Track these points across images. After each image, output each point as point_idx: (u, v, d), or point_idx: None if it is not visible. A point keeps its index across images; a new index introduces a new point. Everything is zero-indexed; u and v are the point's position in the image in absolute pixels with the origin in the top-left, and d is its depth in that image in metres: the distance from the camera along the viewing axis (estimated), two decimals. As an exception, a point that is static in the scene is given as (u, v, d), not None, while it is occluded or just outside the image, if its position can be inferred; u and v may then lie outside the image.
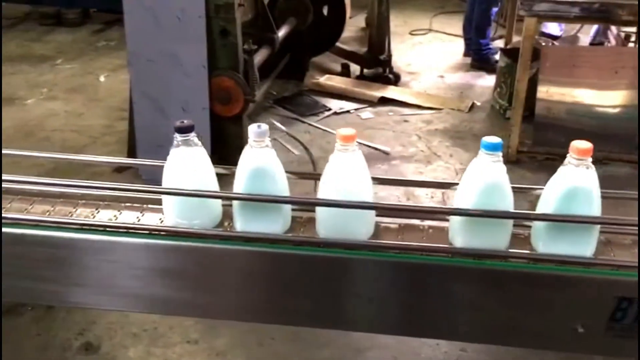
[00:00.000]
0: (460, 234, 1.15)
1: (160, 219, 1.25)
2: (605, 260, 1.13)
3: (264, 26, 4.27)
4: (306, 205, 1.26)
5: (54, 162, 3.14)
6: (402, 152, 4.12)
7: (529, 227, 1.18)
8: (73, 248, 1.21)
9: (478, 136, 4.26)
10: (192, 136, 1.20)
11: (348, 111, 4.75)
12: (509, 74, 4.41)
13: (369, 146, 4.12)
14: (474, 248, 1.13)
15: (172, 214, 1.22)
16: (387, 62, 5.21)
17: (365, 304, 1.18)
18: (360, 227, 1.19)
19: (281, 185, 1.20)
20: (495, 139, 1.08)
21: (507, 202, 1.12)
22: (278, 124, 4.50)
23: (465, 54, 5.77)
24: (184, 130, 1.19)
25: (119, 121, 4.44)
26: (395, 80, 5.22)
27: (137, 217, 1.26)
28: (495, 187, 1.10)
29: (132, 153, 3.83)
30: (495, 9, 5.55)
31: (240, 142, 3.74)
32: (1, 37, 2.44)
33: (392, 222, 1.24)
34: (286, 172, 1.23)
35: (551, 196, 1.10)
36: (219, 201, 1.26)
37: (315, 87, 5.09)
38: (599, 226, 1.13)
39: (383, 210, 1.24)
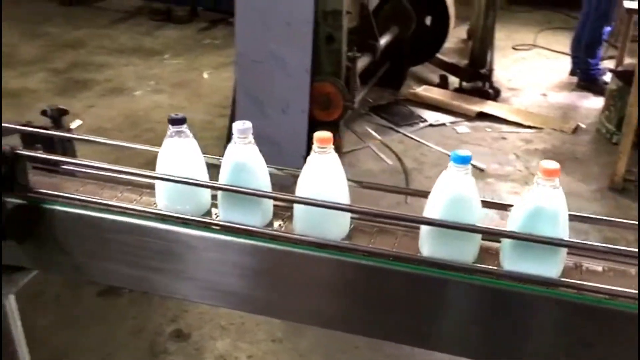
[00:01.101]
0: (426, 243, 1.16)
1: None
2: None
3: (367, 33, 4.28)
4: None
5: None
6: (497, 171, 4.01)
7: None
8: (169, 240, 1.26)
9: (581, 160, 4.15)
10: (185, 128, 1.25)
11: (444, 124, 4.68)
12: (619, 98, 4.20)
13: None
14: (436, 257, 1.13)
15: (162, 200, 1.28)
16: (488, 76, 5.09)
17: (458, 327, 1.16)
18: (333, 227, 1.21)
19: (262, 181, 1.23)
20: (465, 152, 1.08)
21: (473, 214, 1.11)
22: (372, 132, 4.50)
23: (572, 73, 5.54)
24: (177, 122, 1.25)
25: (219, 117, 4.59)
26: (494, 95, 5.09)
27: (215, 214, 1.29)
28: (462, 199, 1.10)
29: (230, 150, 3.95)
30: (607, 28, 5.29)
31: (335, 147, 3.77)
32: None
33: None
34: (371, 184, 1.21)
35: (517, 215, 1.09)
36: (208, 190, 1.30)
37: (412, 97, 5.05)
38: (564, 249, 1.10)
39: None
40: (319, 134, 1.16)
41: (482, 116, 4.75)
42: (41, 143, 1.41)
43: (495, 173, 3.98)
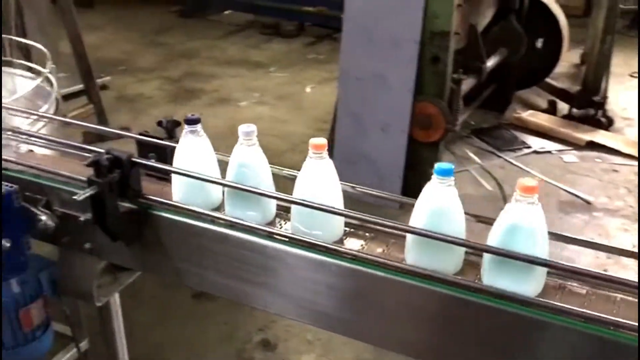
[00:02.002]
0: (410, 252, 1.18)
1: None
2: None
3: (473, 55, 4.20)
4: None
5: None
6: (606, 205, 3.78)
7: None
8: (266, 254, 1.28)
9: (702, 200, 3.82)
10: (199, 127, 1.36)
11: (549, 151, 4.48)
12: None
13: (569, 192, 3.85)
14: (417, 266, 1.14)
15: (177, 194, 1.37)
16: (601, 104, 4.83)
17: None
18: (327, 228, 1.26)
19: (266, 180, 1.31)
20: (447, 165, 1.10)
21: (454, 225, 1.13)
22: (472, 155, 4.39)
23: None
24: (192, 122, 1.37)
25: (319, 132, 4.66)
26: (607, 124, 4.81)
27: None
28: (443, 210, 1.12)
29: (327, 164, 3.99)
30: None
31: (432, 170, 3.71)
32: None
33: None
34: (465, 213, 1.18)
35: (496, 231, 1.09)
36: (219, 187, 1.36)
37: (517, 121, 4.88)
38: (542, 268, 1.08)
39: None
40: (313, 141, 1.22)
41: (592, 146, 4.51)
42: (155, 152, 1.49)
43: (603, 207, 3.75)
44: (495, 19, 4.67)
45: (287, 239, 1.26)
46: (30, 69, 2.27)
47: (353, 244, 1.27)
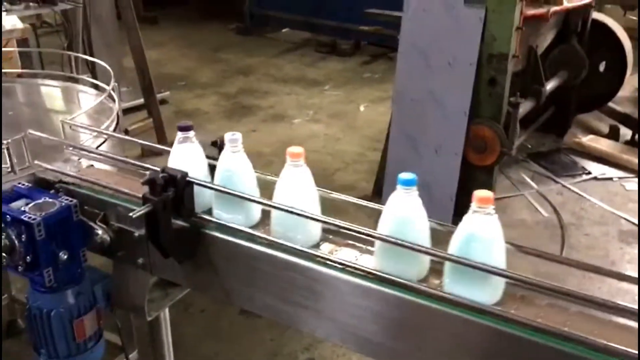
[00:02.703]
0: (376, 257, 1.24)
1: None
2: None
3: (532, 77, 4.11)
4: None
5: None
6: (670, 236, 3.61)
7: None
8: (306, 276, 1.28)
9: None
10: (191, 134, 1.45)
11: (610, 178, 4.33)
12: None
13: (630, 221, 3.70)
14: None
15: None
16: (666, 131, 4.64)
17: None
18: (303, 233, 1.32)
19: (249, 184, 1.40)
20: (410, 175, 1.17)
21: (416, 232, 1.18)
22: (529, 180, 4.28)
23: None
24: (184, 129, 1.45)
25: (371, 151, 4.65)
26: (673, 151, 4.61)
27: (355, 257, 1.29)
28: (405, 218, 1.19)
29: (378, 184, 3.97)
30: None
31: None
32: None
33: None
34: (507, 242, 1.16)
35: (454, 240, 1.14)
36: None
37: (576, 146, 4.74)
38: (498, 277, 1.11)
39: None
40: (291, 150, 1.29)
41: (657, 174, 4.33)
42: (211, 172, 1.52)
43: (667, 239, 3.58)
44: (556, 41, 4.57)
45: (333, 264, 1.26)
46: (95, 86, 2.36)
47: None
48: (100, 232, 1.53)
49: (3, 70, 2.79)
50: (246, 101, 5.84)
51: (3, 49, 3.19)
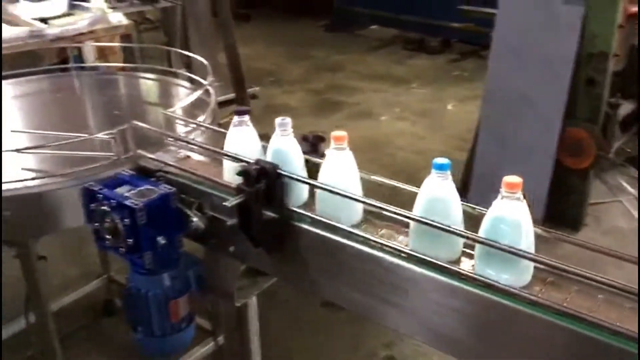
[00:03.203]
0: (412, 238, 1.30)
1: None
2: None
3: (633, 77, 3.89)
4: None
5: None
6: None
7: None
8: (401, 275, 1.28)
9: None
10: (246, 118, 1.57)
11: None
12: None
13: None
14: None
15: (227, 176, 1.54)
16: None
17: None
18: (346, 214, 1.38)
19: (298, 166, 1.47)
20: (443, 160, 1.22)
21: (451, 215, 1.23)
22: (627, 185, 4.06)
23: None
24: (241, 112, 1.57)
25: (457, 151, 4.57)
26: None
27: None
28: (439, 200, 1.24)
29: (465, 184, 3.90)
30: None
31: (581, 197, 3.49)
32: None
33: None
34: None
35: (484, 224, 1.19)
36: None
37: (681, 151, 4.44)
38: (526, 261, 1.14)
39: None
40: (335, 134, 1.38)
41: None
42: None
43: None
44: (663, 40, 4.29)
45: (417, 260, 1.26)
46: (190, 80, 2.46)
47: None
48: (195, 219, 1.60)
49: (108, 64, 2.98)
50: (333, 98, 5.90)
51: (109, 44, 3.40)
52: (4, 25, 3.20)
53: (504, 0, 3.41)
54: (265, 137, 1.59)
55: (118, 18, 3.35)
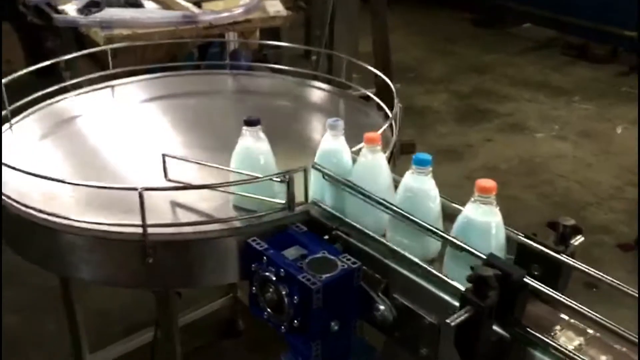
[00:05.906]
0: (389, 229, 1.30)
1: None
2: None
3: None
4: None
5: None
6: None
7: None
8: None
9: None
10: (258, 129, 1.37)
11: None
12: None
13: None
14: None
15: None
16: None
17: None
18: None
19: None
20: (425, 155, 1.22)
21: (428, 209, 1.24)
22: None
23: None
24: (251, 123, 1.37)
25: (631, 186, 3.91)
26: None
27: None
28: (416, 194, 1.24)
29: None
30: None
31: None
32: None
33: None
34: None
35: (455, 226, 1.19)
36: None
37: None
38: None
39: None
40: (368, 135, 1.31)
41: None
42: (537, 262, 1.13)
43: None
44: None
45: None
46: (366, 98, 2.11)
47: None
48: (382, 307, 1.22)
49: (266, 65, 2.66)
50: (480, 104, 5.33)
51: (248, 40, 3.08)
52: (156, 7, 2.96)
53: None
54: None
55: (276, 7, 3.01)
